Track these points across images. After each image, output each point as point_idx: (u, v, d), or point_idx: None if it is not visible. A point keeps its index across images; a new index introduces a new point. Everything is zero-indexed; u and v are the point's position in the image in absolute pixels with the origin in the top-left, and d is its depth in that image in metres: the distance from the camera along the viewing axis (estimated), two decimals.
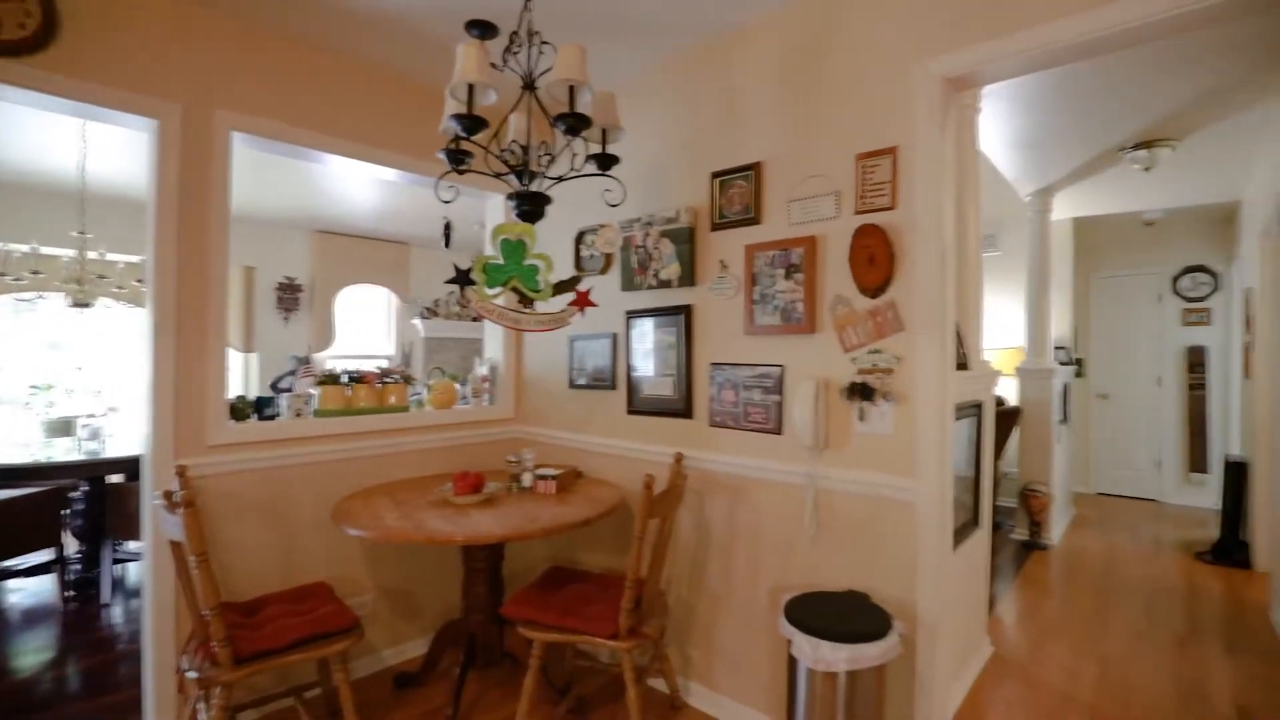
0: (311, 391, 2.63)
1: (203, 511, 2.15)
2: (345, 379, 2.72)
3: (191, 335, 2.18)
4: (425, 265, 7.12)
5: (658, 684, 2.50)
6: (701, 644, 2.42)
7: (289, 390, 2.79)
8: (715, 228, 2.39)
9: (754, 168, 2.27)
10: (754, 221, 2.27)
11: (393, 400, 2.84)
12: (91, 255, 4.22)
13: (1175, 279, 5.76)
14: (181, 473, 1.99)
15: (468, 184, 2.53)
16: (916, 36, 1.90)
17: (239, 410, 2.40)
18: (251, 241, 5.85)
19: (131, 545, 3.86)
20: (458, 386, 3.19)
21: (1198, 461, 5.59)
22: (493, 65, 1.82)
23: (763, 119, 2.27)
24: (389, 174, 2.86)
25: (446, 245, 2.05)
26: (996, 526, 4.60)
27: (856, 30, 2.03)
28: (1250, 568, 3.94)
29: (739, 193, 2.31)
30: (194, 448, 2.18)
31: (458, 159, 1.89)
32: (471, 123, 1.75)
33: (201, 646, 1.81)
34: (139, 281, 4.50)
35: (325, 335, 6.39)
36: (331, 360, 6.37)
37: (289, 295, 6.18)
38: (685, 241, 2.45)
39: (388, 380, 2.86)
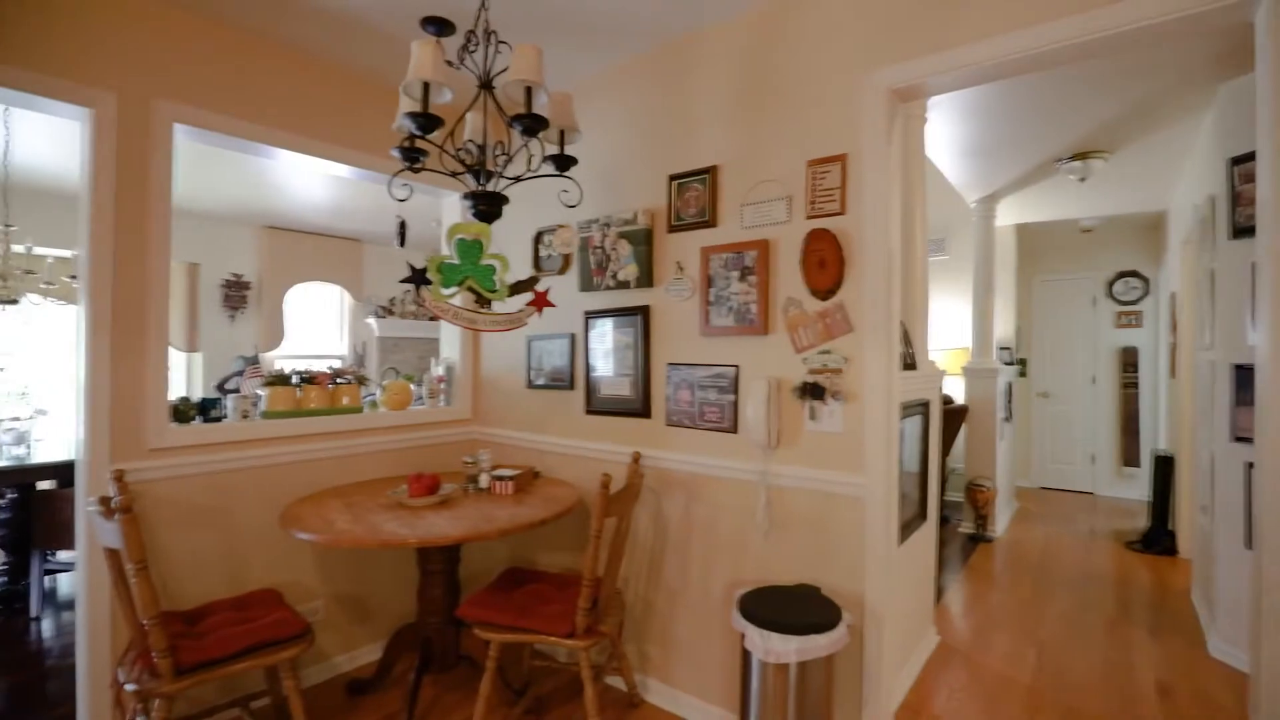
0: (259, 392, 2.55)
1: (142, 518, 2.07)
2: (295, 379, 2.66)
3: (130, 334, 2.09)
4: (379, 263, 6.97)
5: (616, 682, 2.51)
6: (659, 640, 2.45)
7: (235, 391, 2.71)
8: (672, 229, 2.42)
9: (710, 171, 2.30)
10: (710, 224, 2.30)
11: (345, 401, 2.78)
12: (17, 249, 3.99)
13: (1110, 283, 6.08)
14: (119, 477, 1.91)
15: (423, 182, 2.50)
16: (865, 48, 1.97)
17: (182, 412, 2.32)
18: (196, 237, 5.61)
19: (63, 555, 3.67)
20: (413, 387, 3.14)
21: (1130, 456, 5.92)
22: (449, 63, 1.80)
23: (718, 124, 2.31)
24: (342, 170, 2.79)
25: (401, 244, 2.02)
26: (944, 520, 4.77)
27: (808, 41, 2.09)
28: (1175, 555, 4.20)
29: (695, 195, 2.35)
30: (133, 451, 2.10)
31: (412, 157, 1.87)
32: (426, 121, 1.73)
33: (140, 657, 1.74)
34: (71, 277, 4.27)
35: (274, 334, 6.18)
36: (281, 360, 6.17)
37: (236, 293, 5.95)
38: (643, 243, 2.47)
39: (340, 381, 2.80)
